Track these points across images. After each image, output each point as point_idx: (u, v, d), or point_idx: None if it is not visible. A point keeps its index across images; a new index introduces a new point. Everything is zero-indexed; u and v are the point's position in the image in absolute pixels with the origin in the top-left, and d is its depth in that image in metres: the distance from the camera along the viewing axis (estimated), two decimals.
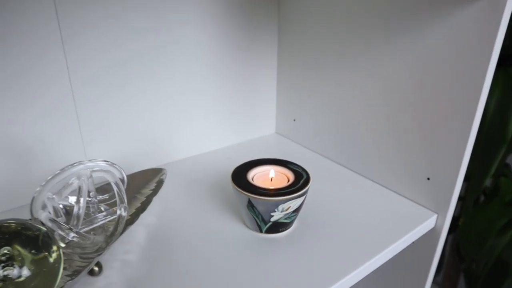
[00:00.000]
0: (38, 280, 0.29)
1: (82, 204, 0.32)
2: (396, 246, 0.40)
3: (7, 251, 0.29)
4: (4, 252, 0.29)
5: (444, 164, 0.42)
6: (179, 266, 0.35)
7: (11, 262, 0.29)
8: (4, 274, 0.28)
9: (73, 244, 0.34)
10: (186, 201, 0.46)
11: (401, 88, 0.44)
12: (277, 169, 0.43)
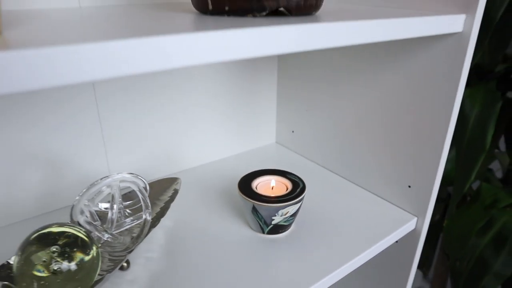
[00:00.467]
0: (82, 273, 0.35)
1: (115, 210, 0.39)
2: (382, 244, 0.47)
3: (55, 249, 0.36)
4: (53, 250, 0.36)
5: (422, 175, 0.49)
6: (193, 262, 0.42)
7: (60, 258, 0.35)
8: (54, 268, 0.35)
9: (105, 244, 0.41)
10: (197, 206, 0.53)
11: (385, 111, 0.51)
12: (277, 179, 0.49)
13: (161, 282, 0.39)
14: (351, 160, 0.58)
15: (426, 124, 0.46)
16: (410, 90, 0.47)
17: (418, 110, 0.47)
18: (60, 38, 0.19)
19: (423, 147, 0.47)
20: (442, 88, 0.43)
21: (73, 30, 0.22)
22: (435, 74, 0.44)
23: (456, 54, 0.41)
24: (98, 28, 0.23)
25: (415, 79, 0.46)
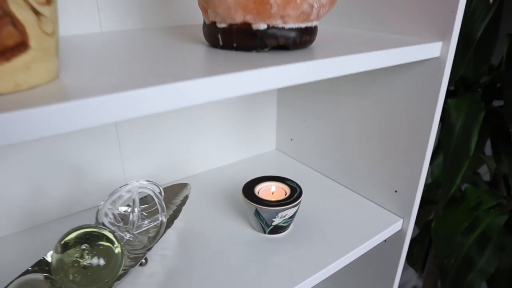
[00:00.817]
0: (108, 268, 0.41)
1: (136, 213, 0.44)
2: (371, 242, 0.53)
3: (85, 247, 0.41)
4: (83, 248, 0.41)
5: (407, 181, 0.54)
6: (203, 258, 0.47)
7: (90, 255, 0.41)
8: (85, 263, 0.40)
9: (127, 243, 0.46)
10: (205, 209, 0.58)
11: (375, 123, 0.56)
12: (277, 185, 0.55)
13: (175, 276, 0.45)
14: (345, 166, 0.64)
15: (410, 137, 0.52)
16: (395, 107, 0.53)
17: (403, 124, 0.52)
18: (103, 84, 0.25)
19: (407, 157, 0.53)
20: (423, 105, 0.49)
21: (108, 72, 0.28)
22: (417, 92, 0.49)
23: (435, 74, 0.47)
24: (128, 71, 0.29)
25: (400, 96, 0.52)
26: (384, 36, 0.48)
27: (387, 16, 0.50)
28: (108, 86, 0.24)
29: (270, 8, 0.32)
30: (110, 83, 0.25)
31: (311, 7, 0.33)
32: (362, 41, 0.43)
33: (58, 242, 0.40)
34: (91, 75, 0.27)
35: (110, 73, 0.27)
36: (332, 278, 0.73)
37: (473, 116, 0.75)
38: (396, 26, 0.50)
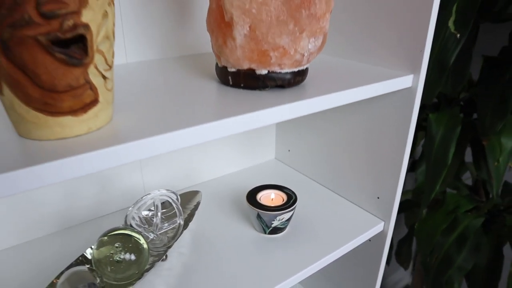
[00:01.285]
0: (137, 263, 0.50)
1: (159, 216, 0.54)
2: (357, 240, 0.62)
3: (118, 245, 0.51)
4: (116, 245, 0.50)
5: (387, 190, 0.63)
6: (213, 255, 0.57)
7: (123, 251, 0.50)
8: (117, 258, 0.49)
9: (151, 242, 0.55)
10: (213, 213, 0.67)
11: (361, 139, 0.65)
12: (275, 192, 0.64)
13: (191, 269, 0.54)
14: (335, 175, 0.73)
15: (389, 152, 0.61)
16: (376, 126, 0.62)
17: (383, 141, 0.61)
18: (143, 127, 0.34)
19: (387, 169, 0.62)
20: (399, 125, 0.58)
21: (144, 114, 0.37)
22: (394, 114, 0.59)
23: (408, 100, 0.56)
24: (160, 112, 0.38)
25: (380, 118, 0.61)
26: (367, 68, 0.57)
27: (370, 50, 0.59)
28: (147, 130, 0.33)
29: (270, 59, 0.41)
30: (147, 126, 0.34)
31: (302, 56, 0.43)
32: (348, 76, 0.52)
33: (97, 240, 0.50)
34: (133, 117, 0.36)
35: (146, 115, 0.37)
36: (324, 272, 0.83)
37: (451, 129, 0.84)
38: (378, 59, 0.59)
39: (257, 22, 0.40)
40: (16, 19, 0.26)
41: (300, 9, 0.41)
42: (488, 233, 0.94)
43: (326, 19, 0.44)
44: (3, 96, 0.29)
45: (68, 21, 0.27)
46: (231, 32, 0.41)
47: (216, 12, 0.42)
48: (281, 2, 0.40)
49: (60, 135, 0.31)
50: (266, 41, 0.40)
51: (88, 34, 0.28)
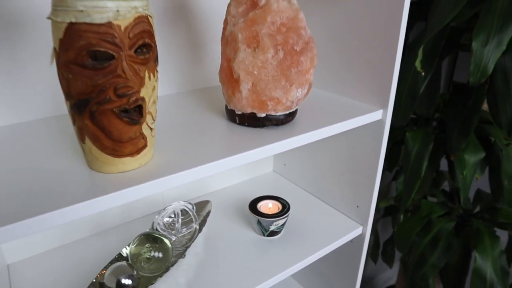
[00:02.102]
0: (164, 259, 0.64)
1: (179, 222, 0.67)
2: (340, 241, 0.75)
3: (148, 245, 0.64)
4: (147, 246, 0.64)
5: (365, 201, 0.77)
6: (221, 253, 0.70)
7: (152, 250, 0.63)
8: (148, 256, 0.63)
9: (173, 243, 0.69)
10: (221, 218, 0.81)
11: (344, 161, 0.79)
12: (272, 202, 0.77)
13: (204, 265, 0.68)
14: (323, 186, 0.86)
15: (365, 170, 0.75)
16: (352, 149, 0.75)
17: (359, 162, 0.75)
18: (176, 162, 0.48)
19: (364, 184, 0.76)
20: (372, 150, 0.72)
21: (173, 150, 0.51)
22: (368, 140, 0.72)
23: (379, 129, 0.70)
24: (186, 149, 0.51)
25: (356, 144, 0.74)
26: (346, 102, 0.71)
27: (350, 87, 0.73)
28: (178, 165, 0.47)
29: (267, 106, 0.55)
30: (178, 162, 0.48)
31: (292, 102, 0.56)
32: (330, 111, 0.66)
33: (132, 241, 0.63)
34: (166, 153, 0.50)
35: (175, 152, 0.50)
36: (313, 267, 0.96)
37: (425, 146, 0.98)
38: (355, 94, 0.72)
39: (258, 80, 0.53)
40: (101, 99, 0.39)
41: (290, 68, 0.54)
42: (459, 235, 1.08)
43: (311, 73, 0.57)
44: (85, 144, 0.43)
45: (132, 98, 0.41)
46: (238, 86, 0.54)
47: (226, 70, 0.56)
48: (276, 64, 0.53)
49: (121, 170, 0.44)
50: (264, 94, 0.54)
51: (143, 103, 0.42)
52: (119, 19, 0.37)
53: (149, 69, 0.42)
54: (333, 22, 0.73)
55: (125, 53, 0.38)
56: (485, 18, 0.72)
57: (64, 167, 0.46)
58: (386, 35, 0.64)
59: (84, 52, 0.37)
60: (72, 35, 0.37)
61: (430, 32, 0.77)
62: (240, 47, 0.53)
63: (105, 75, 0.38)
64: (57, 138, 0.55)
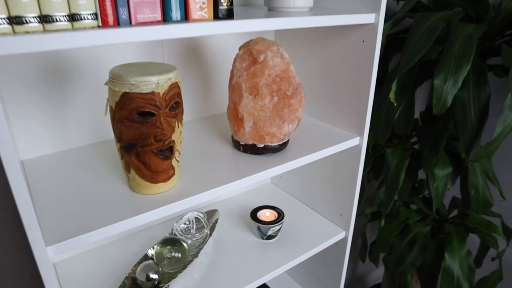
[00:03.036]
0: (182, 258, 0.79)
1: (194, 228, 0.83)
2: (327, 243, 0.91)
3: (169, 247, 0.80)
4: (168, 247, 0.80)
5: (347, 209, 0.92)
6: (228, 254, 0.86)
7: (172, 251, 0.79)
8: (168, 256, 0.79)
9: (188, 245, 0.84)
10: (227, 225, 0.96)
11: (330, 180, 0.94)
12: (270, 211, 0.93)
13: (213, 263, 0.83)
14: (313, 197, 1.02)
15: (347, 186, 0.90)
16: (337, 170, 0.91)
17: (343, 178, 0.90)
18: (195, 186, 0.63)
19: (346, 197, 0.91)
20: (351, 169, 0.87)
21: (191, 175, 0.66)
22: (348, 162, 0.87)
23: (356, 152, 0.85)
24: (200, 175, 0.67)
25: (339, 165, 0.90)
26: (329, 129, 0.86)
27: (332, 115, 0.88)
28: (198, 188, 0.62)
29: (265, 139, 0.70)
30: (197, 185, 0.63)
31: (284, 135, 0.72)
32: (316, 138, 0.81)
33: (156, 244, 0.79)
34: (187, 178, 0.65)
35: (194, 177, 0.66)
36: (304, 266, 1.11)
37: (402, 160, 1.13)
38: (337, 122, 0.88)
39: (257, 120, 0.69)
40: (145, 143, 0.55)
41: (283, 109, 0.70)
42: (434, 237, 1.24)
43: (299, 112, 0.73)
44: (130, 173, 0.58)
45: (166, 141, 0.56)
46: (242, 124, 0.70)
47: (233, 110, 0.71)
48: (271, 107, 0.69)
49: (156, 192, 0.60)
50: (262, 130, 0.69)
51: (174, 144, 0.58)
52: (159, 88, 0.53)
53: (178, 120, 0.57)
54: (320, 62, 0.88)
55: (162, 111, 0.54)
56: (444, 61, 0.87)
57: (110, 190, 0.61)
58: (361, 76, 0.79)
59: (134, 111, 0.53)
60: (126, 100, 0.52)
61: (402, 68, 0.92)
62: (243, 94, 0.68)
63: (148, 127, 0.54)
64: (98, 162, 0.70)
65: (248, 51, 0.69)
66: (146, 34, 0.47)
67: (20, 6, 0.40)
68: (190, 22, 0.51)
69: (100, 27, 0.45)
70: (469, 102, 0.90)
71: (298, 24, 0.62)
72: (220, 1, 0.54)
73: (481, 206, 1.14)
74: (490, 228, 1.16)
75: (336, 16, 0.67)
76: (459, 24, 0.93)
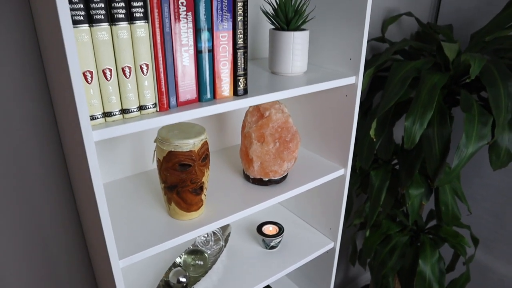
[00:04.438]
0: (203, 265, 1.00)
1: (212, 240, 1.04)
2: (318, 252, 1.12)
3: (193, 256, 1.01)
4: (192, 257, 1.01)
5: (335, 224, 1.13)
6: (238, 261, 1.07)
7: (196, 259, 1.00)
8: (193, 263, 1.00)
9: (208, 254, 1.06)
10: (237, 238, 1.18)
11: (319, 201, 1.15)
12: (272, 226, 1.14)
13: (227, 268, 1.04)
14: (308, 214, 1.23)
15: (334, 208, 1.11)
16: (325, 195, 1.12)
17: (331, 201, 1.12)
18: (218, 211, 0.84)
19: (333, 215, 1.12)
20: (337, 196, 1.08)
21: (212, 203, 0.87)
22: (334, 190, 1.09)
23: (342, 181, 1.06)
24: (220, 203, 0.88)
25: (327, 191, 1.11)
26: (319, 161, 1.07)
27: (323, 149, 1.10)
28: (219, 214, 0.84)
29: (269, 175, 0.91)
30: (218, 212, 0.84)
31: (284, 171, 0.93)
32: (309, 169, 1.02)
33: (182, 254, 1.00)
34: (209, 206, 0.86)
35: (214, 204, 0.87)
36: (301, 270, 1.33)
37: (383, 181, 1.35)
38: (327, 155, 1.09)
39: (263, 161, 0.90)
40: (183, 185, 0.76)
41: (283, 152, 0.91)
42: (411, 246, 1.45)
43: (296, 152, 0.94)
44: (170, 205, 0.80)
45: (199, 183, 0.77)
46: (252, 164, 0.91)
47: (245, 152, 0.93)
48: (274, 151, 0.90)
49: (189, 218, 0.81)
50: (267, 168, 0.91)
51: (203, 184, 0.79)
52: (194, 147, 0.74)
53: (207, 167, 0.79)
54: (313, 111, 1.09)
55: (197, 162, 0.75)
56: (413, 107, 1.08)
57: (155, 216, 0.83)
58: (345, 122, 1.01)
59: (176, 164, 0.74)
60: (171, 156, 0.74)
61: (380, 110, 1.14)
62: (253, 141, 0.89)
63: (186, 174, 0.75)
64: (142, 191, 0.91)
65: (256, 108, 0.91)
66: (189, 114, 0.68)
67: (110, 105, 0.62)
68: (217, 100, 0.73)
69: (158, 112, 0.67)
70: (434, 138, 1.11)
71: (298, 92, 0.83)
72: (238, 84, 0.75)
73: (450, 220, 1.36)
74: (458, 238, 1.37)
75: (328, 82, 0.89)
76: (427, 73, 1.14)
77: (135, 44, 0.61)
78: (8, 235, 0.91)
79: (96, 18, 0.56)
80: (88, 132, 0.57)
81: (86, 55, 0.57)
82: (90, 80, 0.59)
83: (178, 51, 0.65)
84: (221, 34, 0.69)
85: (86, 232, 0.96)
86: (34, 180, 0.90)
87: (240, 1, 0.68)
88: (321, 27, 1.00)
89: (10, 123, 0.83)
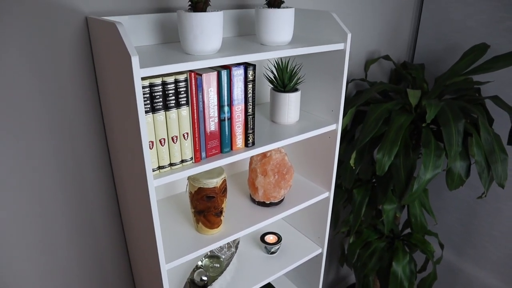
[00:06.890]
0: (220, 268, 1.30)
1: (226, 247, 1.34)
2: (310, 255, 1.42)
3: (211, 260, 1.31)
4: (211, 261, 1.31)
5: (322, 234, 1.43)
6: (246, 263, 1.37)
7: (214, 262, 1.30)
8: (211, 266, 1.30)
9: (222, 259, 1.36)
10: (245, 245, 1.48)
11: (309, 215, 1.45)
12: (272, 235, 1.44)
13: (238, 269, 1.34)
14: (301, 225, 1.53)
15: (320, 222, 1.41)
16: (315, 212, 1.42)
17: (319, 216, 1.42)
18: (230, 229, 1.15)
19: (319, 227, 1.42)
20: (322, 214, 1.38)
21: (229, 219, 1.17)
22: (321, 210, 1.39)
23: (326, 203, 1.36)
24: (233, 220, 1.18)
25: (317, 210, 1.41)
26: (308, 186, 1.37)
27: (312, 175, 1.39)
28: (232, 230, 1.14)
29: (270, 199, 1.21)
30: (232, 229, 1.14)
31: (282, 196, 1.23)
32: (300, 192, 1.32)
33: (203, 258, 1.30)
34: (227, 223, 1.16)
35: (229, 223, 1.17)
36: (296, 270, 1.62)
37: (364, 198, 1.65)
38: (315, 180, 1.39)
39: (265, 189, 1.20)
40: (209, 211, 1.06)
41: (280, 182, 1.21)
42: (388, 250, 1.75)
43: (291, 181, 1.24)
44: (198, 224, 1.10)
45: (220, 209, 1.07)
46: (257, 191, 1.21)
47: (251, 182, 1.23)
48: (274, 182, 1.20)
49: (211, 233, 1.11)
50: (269, 194, 1.21)
51: (222, 209, 1.09)
52: (217, 184, 1.04)
53: (225, 196, 1.09)
54: (304, 148, 1.39)
55: (219, 194, 1.05)
56: (384, 143, 1.38)
57: (186, 231, 1.12)
58: (327, 156, 1.30)
59: (204, 196, 1.04)
60: (200, 190, 1.03)
61: (358, 144, 1.44)
62: (258, 175, 1.19)
63: (211, 203, 1.05)
64: (173, 211, 1.21)
65: None
66: (215, 164, 0.98)
67: (162, 161, 0.92)
68: (233, 151, 1.03)
69: (194, 163, 0.97)
70: (400, 167, 1.41)
71: (293, 141, 1.13)
72: (248, 138, 1.05)
73: (419, 229, 1.66)
74: (425, 244, 1.67)
75: (315, 130, 1.18)
76: (396, 114, 1.44)
77: (180, 121, 0.91)
78: (68, 249, 1.21)
79: (156, 108, 0.86)
80: (151, 181, 0.87)
81: (150, 131, 0.87)
82: (151, 147, 0.88)
83: (207, 121, 0.95)
84: (236, 107, 0.99)
85: (130, 243, 1.26)
86: (92, 210, 1.20)
87: (250, 83, 0.98)
88: (310, 84, 1.30)
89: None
